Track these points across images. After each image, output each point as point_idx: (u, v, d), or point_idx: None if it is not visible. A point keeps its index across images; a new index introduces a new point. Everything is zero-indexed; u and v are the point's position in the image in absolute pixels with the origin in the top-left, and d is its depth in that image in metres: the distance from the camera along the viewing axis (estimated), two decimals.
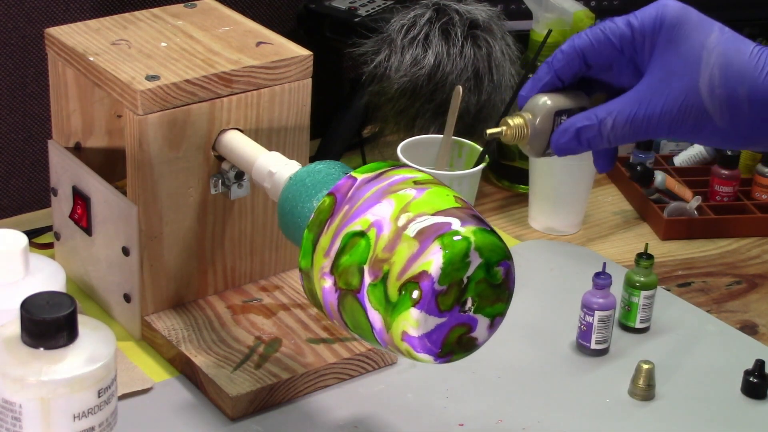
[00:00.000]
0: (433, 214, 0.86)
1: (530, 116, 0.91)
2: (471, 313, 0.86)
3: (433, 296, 0.83)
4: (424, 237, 0.84)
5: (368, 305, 0.86)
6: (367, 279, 0.86)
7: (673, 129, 0.88)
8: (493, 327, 0.88)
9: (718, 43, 0.86)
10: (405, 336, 0.84)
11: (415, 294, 0.83)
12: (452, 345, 0.86)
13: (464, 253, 0.84)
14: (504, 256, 0.86)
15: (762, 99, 0.85)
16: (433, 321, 0.84)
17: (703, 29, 0.87)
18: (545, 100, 0.91)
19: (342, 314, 0.88)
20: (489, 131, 0.92)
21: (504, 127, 0.91)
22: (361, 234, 0.87)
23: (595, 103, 0.94)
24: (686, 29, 0.87)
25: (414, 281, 0.83)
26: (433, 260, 0.83)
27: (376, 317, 0.86)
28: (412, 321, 0.84)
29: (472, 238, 0.84)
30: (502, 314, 0.88)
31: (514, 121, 0.91)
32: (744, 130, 0.87)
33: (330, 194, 0.90)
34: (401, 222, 0.86)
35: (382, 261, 0.85)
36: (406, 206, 0.87)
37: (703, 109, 0.86)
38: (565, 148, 0.91)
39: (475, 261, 0.85)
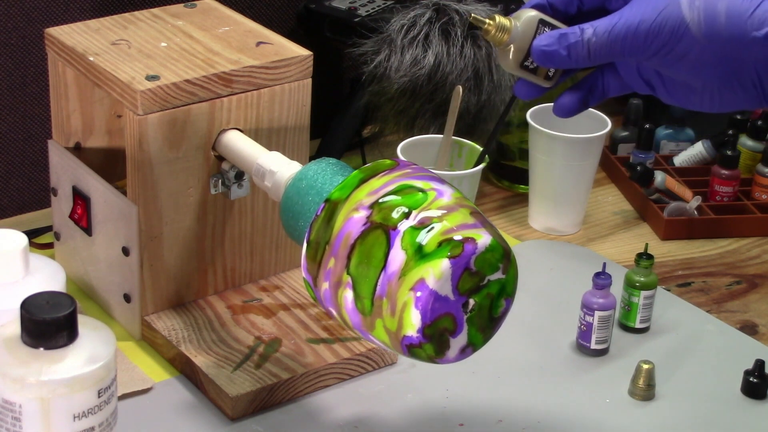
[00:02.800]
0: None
1: (515, 21, 0.92)
2: (465, 318, 0.87)
3: (465, 265, 0.85)
4: (480, 220, 0.88)
5: (397, 243, 0.86)
6: (411, 221, 0.87)
7: (650, 39, 0.88)
8: (462, 354, 0.89)
9: None
10: (419, 284, 0.85)
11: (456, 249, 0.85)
12: (436, 331, 0.86)
13: (504, 253, 0.87)
14: (513, 293, 0.89)
15: (739, 12, 0.86)
16: (448, 288, 0.85)
17: None
18: (531, 8, 0.92)
19: (354, 247, 0.88)
20: (474, 15, 0.91)
21: (489, 21, 0.91)
22: (420, 189, 0.89)
23: None
24: None
25: (459, 242, 0.85)
26: (483, 236, 0.86)
27: (398, 257, 0.86)
28: (438, 271, 0.84)
29: (512, 254, 0.88)
30: (474, 347, 0.89)
31: (500, 19, 0.91)
32: (718, 44, 0.87)
33: (392, 160, 0.93)
34: (461, 202, 0.89)
35: (432, 216, 0.87)
36: (465, 198, 0.90)
37: (682, 18, 0.87)
38: (545, 51, 0.90)
39: (502, 273, 0.87)
